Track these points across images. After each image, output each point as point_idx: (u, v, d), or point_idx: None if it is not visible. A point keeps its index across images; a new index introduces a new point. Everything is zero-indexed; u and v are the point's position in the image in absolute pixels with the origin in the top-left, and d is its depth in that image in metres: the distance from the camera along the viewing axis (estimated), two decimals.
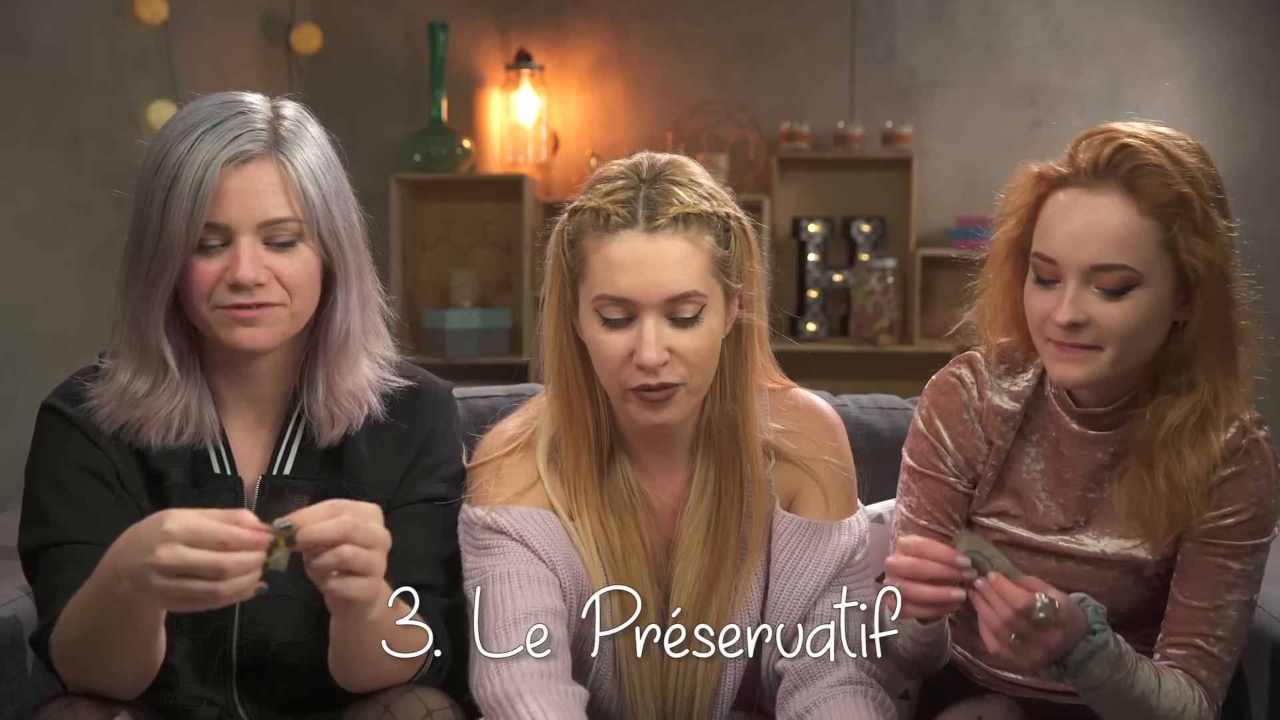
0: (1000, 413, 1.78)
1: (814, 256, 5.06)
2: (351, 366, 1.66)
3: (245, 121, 1.58)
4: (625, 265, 1.60)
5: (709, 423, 1.73)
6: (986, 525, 1.80)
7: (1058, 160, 1.67)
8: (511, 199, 5.13)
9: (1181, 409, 1.67)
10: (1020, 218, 1.69)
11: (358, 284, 1.66)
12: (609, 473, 1.73)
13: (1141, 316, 1.62)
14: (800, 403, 1.80)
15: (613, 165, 1.69)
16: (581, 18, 5.22)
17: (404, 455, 1.69)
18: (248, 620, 1.63)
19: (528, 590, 1.66)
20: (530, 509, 1.70)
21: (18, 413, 3.71)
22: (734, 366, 1.70)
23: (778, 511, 1.75)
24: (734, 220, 1.66)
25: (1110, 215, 1.60)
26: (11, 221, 3.81)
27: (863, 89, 5.15)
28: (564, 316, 1.68)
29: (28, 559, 1.63)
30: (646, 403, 1.64)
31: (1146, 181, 1.60)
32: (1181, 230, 1.61)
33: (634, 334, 1.61)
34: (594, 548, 1.71)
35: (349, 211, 1.65)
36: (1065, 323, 1.62)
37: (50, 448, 1.64)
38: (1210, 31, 5.00)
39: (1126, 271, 1.61)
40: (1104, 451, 1.74)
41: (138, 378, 1.61)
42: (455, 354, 4.93)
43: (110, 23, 4.22)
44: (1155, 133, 1.65)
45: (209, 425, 1.64)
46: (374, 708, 1.57)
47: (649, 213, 1.60)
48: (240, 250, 1.56)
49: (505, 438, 1.76)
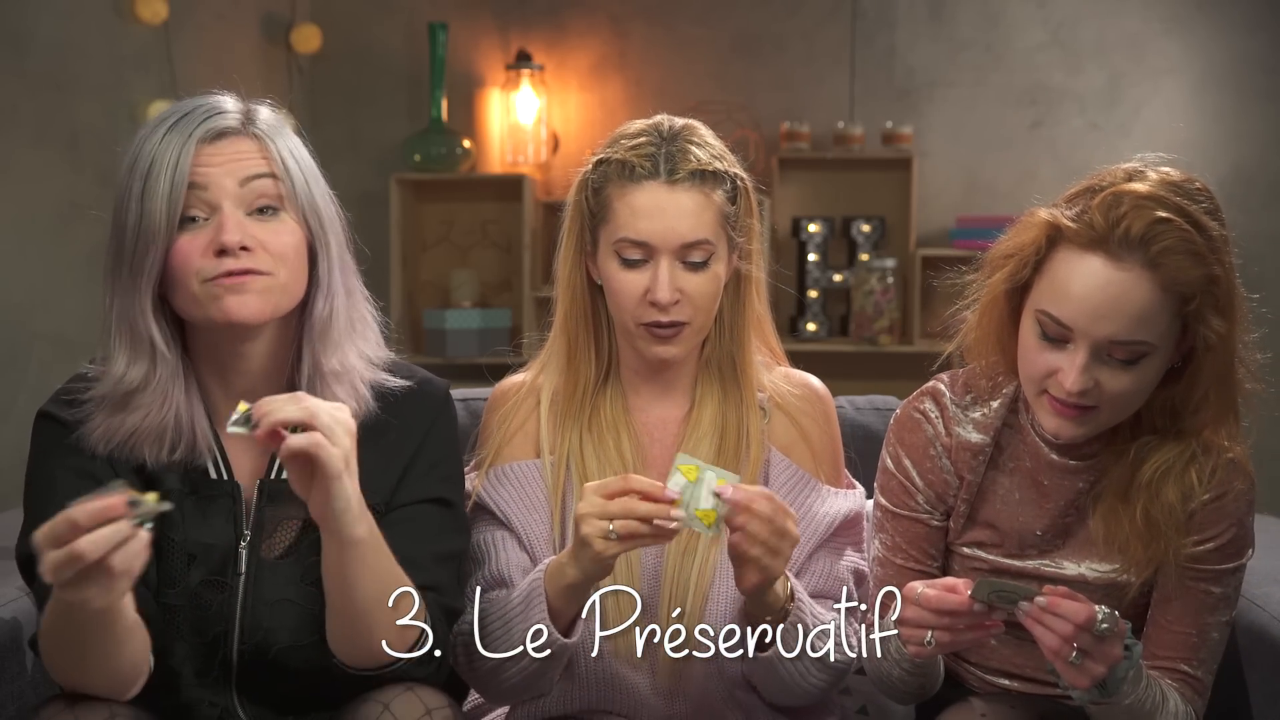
0: (969, 447, 1.76)
1: (814, 256, 5.06)
2: (335, 347, 1.66)
3: (216, 105, 1.62)
4: (647, 211, 1.76)
5: (708, 359, 1.88)
6: (966, 554, 1.79)
7: (1070, 210, 1.61)
8: (511, 199, 5.13)
9: (1168, 453, 1.66)
10: (1024, 262, 1.64)
11: (340, 269, 1.67)
12: (598, 399, 1.86)
13: (1146, 381, 1.61)
14: (794, 376, 1.92)
15: (634, 124, 1.84)
16: (581, 18, 5.22)
17: (401, 456, 1.69)
18: (248, 624, 1.63)
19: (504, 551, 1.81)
20: (512, 465, 1.83)
21: (18, 413, 3.71)
22: (733, 311, 1.86)
23: (774, 453, 1.84)
24: (740, 180, 1.83)
25: (1134, 293, 1.55)
26: (11, 221, 3.80)
27: (863, 89, 5.15)
28: (579, 259, 1.85)
29: (24, 564, 1.63)
30: (655, 338, 1.79)
31: (1175, 262, 1.55)
32: (1202, 307, 1.57)
33: (649, 274, 1.77)
34: (561, 470, 1.82)
35: (329, 202, 1.67)
36: (1076, 391, 1.59)
37: (47, 454, 1.64)
38: (1210, 31, 5.00)
39: (1143, 346, 1.58)
40: (1084, 480, 1.73)
41: (132, 366, 1.60)
42: (455, 354, 4.93)
43: (110, 23, 4.21)
44: (1175, 190, 1.58)
45: (201, 437, 1.64)
46: (374, 706, 1.57)
47: (670, 166, 1.77)
48: (224, 217, 1.57)
49: (510, 383, 1.91)
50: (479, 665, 1.71)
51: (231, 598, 1.63)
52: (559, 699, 1.79)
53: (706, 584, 1.76)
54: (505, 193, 5.15)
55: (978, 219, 4.80)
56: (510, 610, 1.68)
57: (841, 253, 5.13)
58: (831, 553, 1.81)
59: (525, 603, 1.67)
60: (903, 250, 5.02)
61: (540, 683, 1.73)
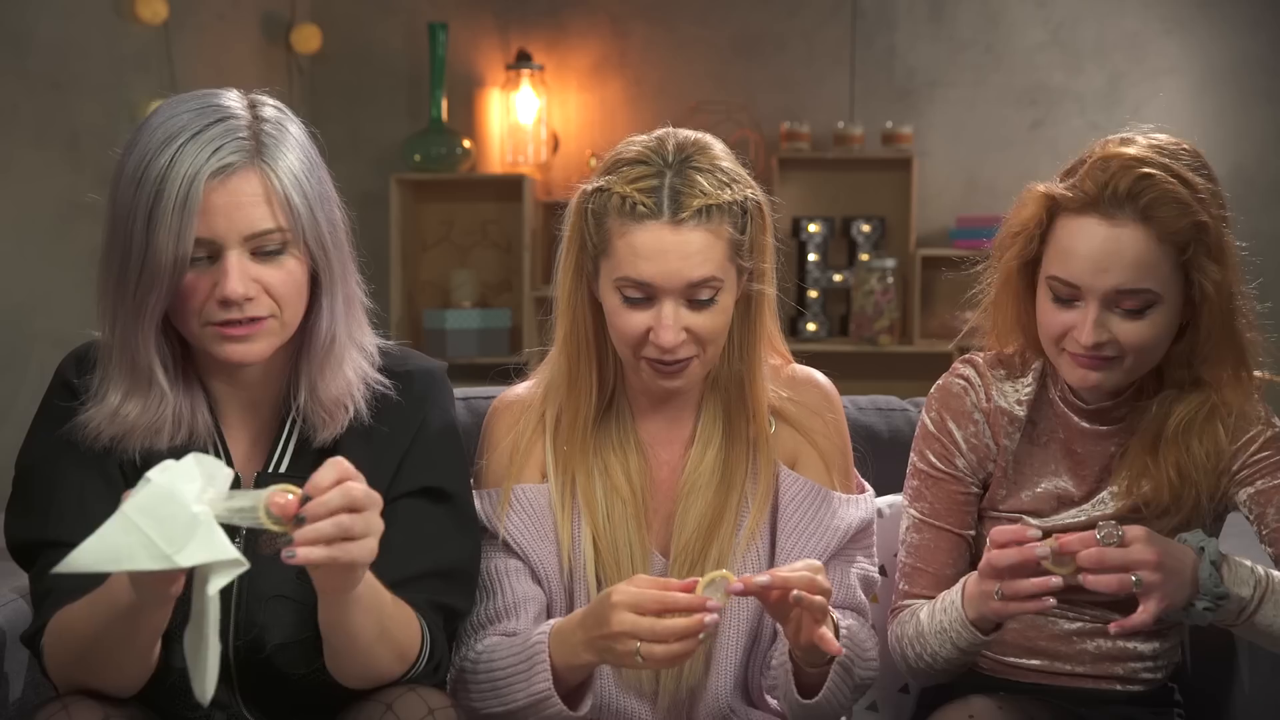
0: (1007, 414, 1.82)
1: (814, 256, 5.06)
2: (335, 372, 1.64)
3: (226, 130, 1.56)
4: (649, 254, 1.66)
5: (716, 379, 1.79)
6: (1009, 520, 1.81)
7: (1064, 182, 1.72)
8: (511, 199, 5.13)
9: (1190, 404, 1.75)
10: (1029, 237, 1.73)
11: (342, 286, 1.65)
12: (604, 420, 1.79)
13: (1160, 330, 1.70)
14: (799, 375, 1.85)
15: (634, 144, 1.72)
16: (581, 18, 5.22)
17: (397, 447, 1.68)
18: (243, 620, 1.62)
19: (510, 583, 1.76)
20: (519, 489, 1.77)
21: (18, 413, 3.71)
22: (743, 332, 1.77)
23: (783, 471, 1.79)
24: (751, 202, 1.72)
25: (1130, 244, 1.66)
26: (11, 221, 3.81)
27: (863, 89, 5.15)
28: (580, 278, 1.74)
29: (21, 551, 1.62)
30: (660, 373, 1.71)
31: (1164, 212, 1.65)
32: (1196, 254, 1.67)
33: (653, 314, 1.68)
34: (568, 498, 1.77)
35: (333, 212, 1.64)
36: (1090, 344, 1.68)
37: (55, 428, 1.62)
38: (1210, 31, 5.00)
39: (1148, 294, 1.67)
40: (1116, 444, 1.79)
41: (128, 400, 1.59)
42: (455, 354, 4.93)
43: (110, 23, 4.22)
44: (1161, 151, 1.69)
45: (203, 428, 1.64)
46: (376, 706, 1.56)
47: (674, 205, 1.66)
48: (228, 265, 1.54)
49: (513, 396, 1.84)
50: (478, 708, 1.70)
51: (227, 593, 1.62)
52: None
53: (707, 529, 1.76)
54: (505, 193, 5.15)
55: (978, 219, 4.79)
56: (509, 666, 1.67)
57: (841, 253, 5.13)
58: (844, 562, 1.79)
59: (528, 664, 1.65)
60: (903, 250, 5.02)
61: None
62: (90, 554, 1.28)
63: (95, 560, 1.28)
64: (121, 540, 1.29)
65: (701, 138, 1.73)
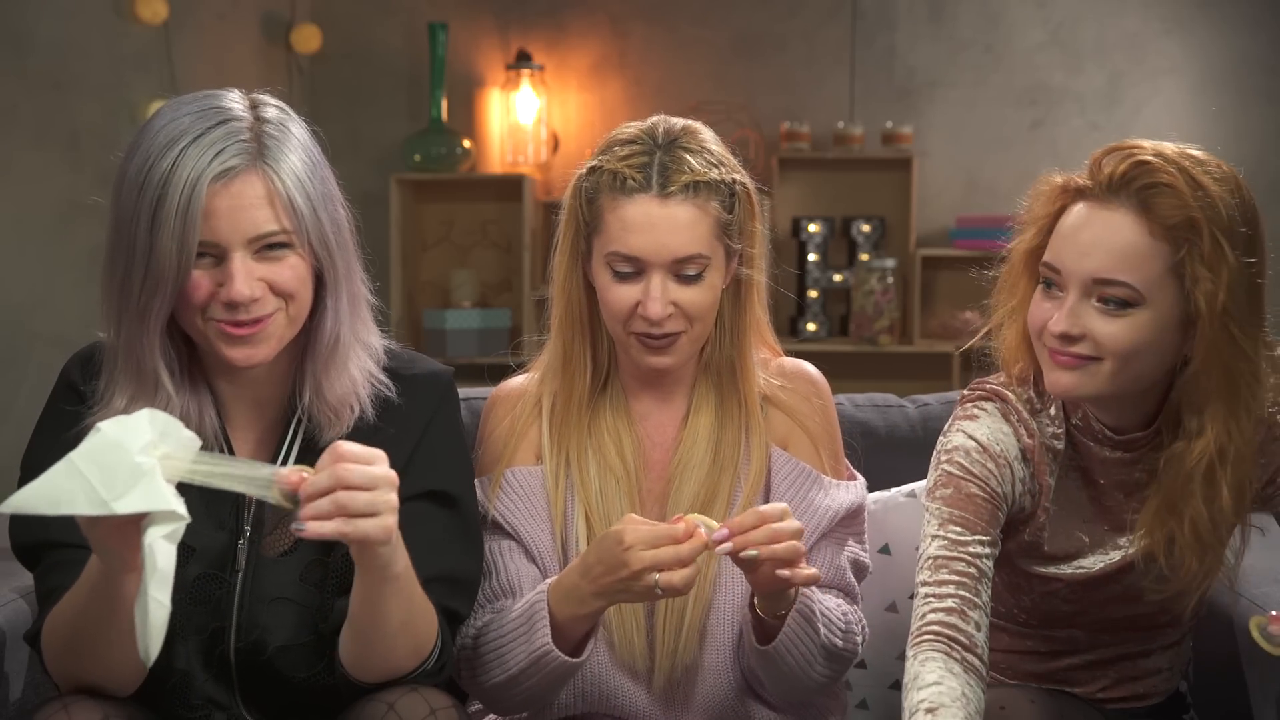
0: (1051, 450, 1.70)
1: (814, 256, 5.06)
2: (340, 372, 1.65)
3: (228, 133, 1.55)
4: (638, 226, 1.73)
5: (708, 363, 1.84)
6: (1045, 574, 1.74)
7: (1081, 171, 1.63)
8: (511, 199, 5.13)
9: (1193, 456, 1.61)
10: (1040, 228, 1.65)
11: (347, 285, 1.65)
12: (598, 405, 1.84)
13: (1140, 337, 1.58)
14: (788, 365, 1.90)
15: (628, 127, 1.80)
16: (581, 18, 5.22)
17: (403, 449, 1.68)
18: (245, 622, 1.63)
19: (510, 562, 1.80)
20: (510, 471, 1.82)
21: (18, 413, 3.71)
22: (733, 316, 1.82)
23: (776, 451, 1.83)
24: (739, 185, 1.78)
25: (1119, 231, 1.57)
26: (11, 221, 3.81)
27: (863, 89, 5.15)
28: (575, 262, 1.81)
29: (25, 551, 1.62)
30: (648, 348, 1.76)
31: (1159, 201, 1.56)
32: (1189, 258, 1.55)
33: (641, 287, 1.74)
34: (562, 477, 1.81)
35: (336, 211, 1.64)
36: (1059, 332, 1.58)
37: (61, 431, 1.62)
38: (1210, 31, 5.00)
39: (1126, 289, 1.56)
40: (1141, 471, 1.69)
41: (134, 404, 1.57)
42: (455, 354, 4.93)
43: (110, 23, 4.22)
44: (1182, 154, 1.60)
45: (209, 429, 1.64)
46: (378, 706, 1.56)
47: (662, 180, 1.73)
48: (233, 268, 1.54)
49: (510, 386, 1.89)
50: (483, 681, 1.72)
51: (229, 594, 1.63)
52: (556, 704, 1.79)
53: (708, 593, 1.77)
54: (505, 193, 5.15)
55: (978, 219, 4.79)
56: (509, 631, 1.69)
57: (841, 253, 5.13)
58: (834, 544, 1.81)
59: (528, 624, 1.67)
60: (903, 250, 5.02)
61: (547, 696, 1.74)
62: (32, 496, 1.31)
63: (36, 503, 1.31)
64: (64, 484, 1.31)
65: (691, 124, 1.80)
